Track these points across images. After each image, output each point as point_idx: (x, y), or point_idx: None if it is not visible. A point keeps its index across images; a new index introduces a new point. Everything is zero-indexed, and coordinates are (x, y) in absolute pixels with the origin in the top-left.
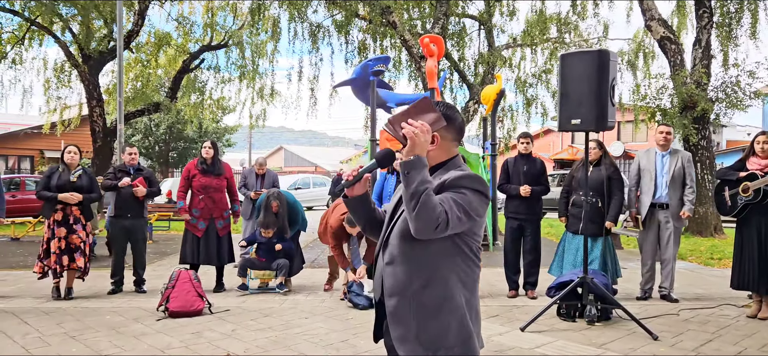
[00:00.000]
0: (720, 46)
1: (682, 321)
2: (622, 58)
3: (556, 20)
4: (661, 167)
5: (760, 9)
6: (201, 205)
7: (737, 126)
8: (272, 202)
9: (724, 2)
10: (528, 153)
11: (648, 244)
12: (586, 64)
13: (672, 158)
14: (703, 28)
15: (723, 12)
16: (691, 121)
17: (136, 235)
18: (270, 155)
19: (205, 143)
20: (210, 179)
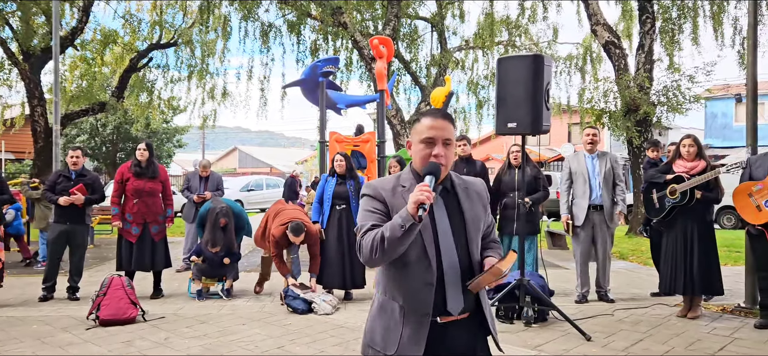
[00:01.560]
0: (662, 51)
1: (616, 321)
2: (570, 61)
3: (506, 23)
4: (593, 168)
5: (700, 16)
6: (135, 209)
7: (680, 129)
8: (220, 219)
9: (666, 9)
10: (467, 156)
11: (583, 246)
12: (521, 68)
13: (601, 160)
14: (647, 33)
15: (665, 18)
16: (634, 123)
17: (76, 241)
18: (224, 156)
19: (140, 145)
20: (144, 182)
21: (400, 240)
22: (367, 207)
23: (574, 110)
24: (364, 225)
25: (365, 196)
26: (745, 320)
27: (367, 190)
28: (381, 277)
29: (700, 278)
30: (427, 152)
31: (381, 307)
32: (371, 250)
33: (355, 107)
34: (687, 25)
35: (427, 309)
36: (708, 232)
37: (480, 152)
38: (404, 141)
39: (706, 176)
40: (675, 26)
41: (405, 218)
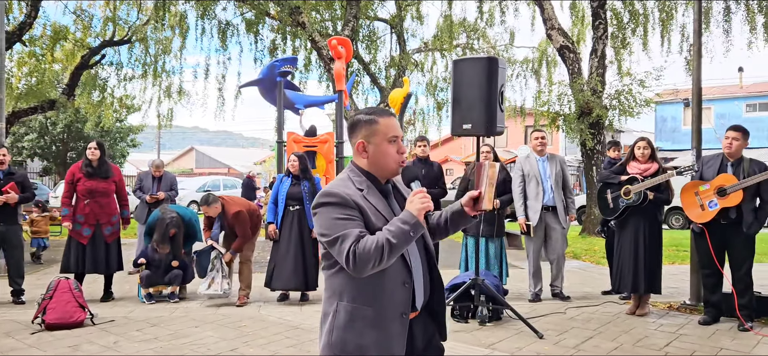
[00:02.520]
0: (614, 56)
1: (568, 319)
2: (527, 65)
3: (465, 26)
4: (544, 171)
5: (650, 22)
6: (86, 210)
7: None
8: (170, 230)
9: (618, 14)
10: (425, 157)
11: (536, 246)
12: (476, 70)
13: (551, 163)
14: (599, 38)
15: (617, 24)
16: (587, 126)
17: (11, 242)
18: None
19: (91, 144)
20: (96, 182)
21: (405, 247)
22: (340, 215)
23: (530, 112)
24: (347, 233)
25: (331, 205)
26: (690, 317)
27: (331, 198)
28: (341, 285)
29: (648, 276)
30: (394, 150)
31: (350, 316)
32: (376, 258)
33: (313, 107)
34: (638, 31)
35: (404, 308)
36: (658, 232)
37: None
38: None
39: (658, 179)
40: (626, 32)
41: (414, 226)
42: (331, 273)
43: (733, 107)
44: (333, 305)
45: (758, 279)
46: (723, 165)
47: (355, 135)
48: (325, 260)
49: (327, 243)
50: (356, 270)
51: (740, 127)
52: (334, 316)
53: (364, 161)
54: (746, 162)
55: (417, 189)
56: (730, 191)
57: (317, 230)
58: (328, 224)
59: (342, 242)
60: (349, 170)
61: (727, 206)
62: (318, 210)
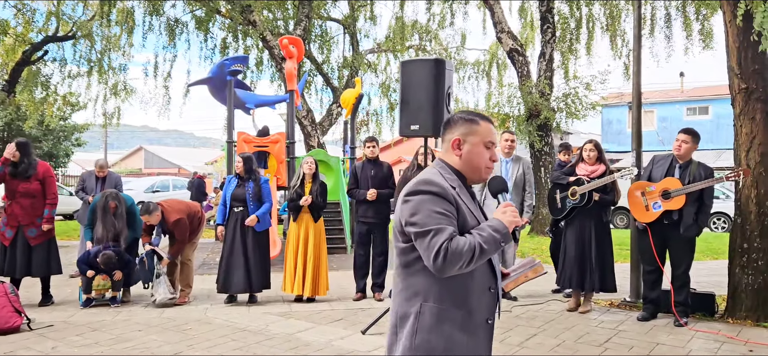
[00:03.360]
0: (561, 60)
1: (514, 317)
2: (478, 67)
3: (417, 28)
4: (506, 172)
5: (597, 27)
6: (8, 211)
7: (580, 133)
8: (110, 202)
9: (565, 19)
10: (375, 157)
11: None
12: (423, 72)
13: (514, 165)
14: (547, 42)
15: (564, 29)
16: (535, 128)
17: None
18: (128, 156)
19: (9, 145)
20: (18, 183)
21: (491, 256)
22: (438, 208)
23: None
24: (442, 228)
25: (430, 194)
26: (629, 313)
27: (431, 187)
28: (426, 285)
29: (596, 275)
30: (487, 156)
31: (437, 318)
32: (466, 260)
33: (264, 106)
34: (583, 36)
35: (489, 314)
36: (604, 232)
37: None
38: (315, 142)
39: (604, 180)
40: (573, 36)
41: (505, 237)
42: (410, 270)
43: (674, 111)
44: (415, 305)
45: (695, 276)
46: (672, 167)
47: (451, 131)
48: (403, 256)
49: (415, 233)
50: (442, 268)
51: (691, 130)
52: (418, 318)
53: (455, 159)
54: (694, 165)
55: (506, 202)
56: (674, 195)
57: (405, 217)
58: (423, 214)
59: (434, 235)
60: (439, 167)
61: (670, 209)
62: (413, 198)
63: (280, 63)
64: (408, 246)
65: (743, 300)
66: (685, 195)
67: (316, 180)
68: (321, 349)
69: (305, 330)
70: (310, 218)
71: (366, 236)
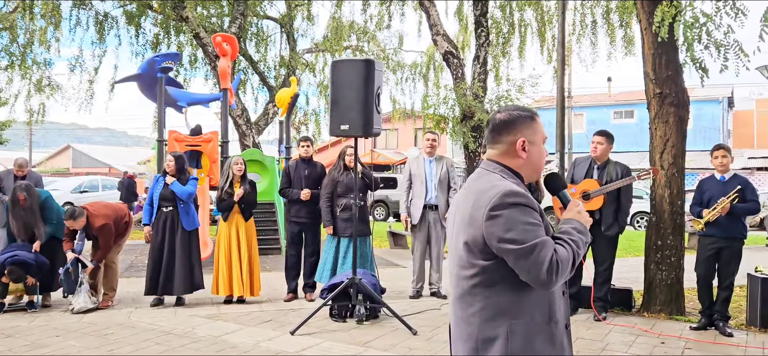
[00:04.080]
0: (494, 63)
1: (443, 315)
2: (415, 69)
3: (355, 29)
4: (430, 171)
5: (529, 32)
6: None
7: None
8: (19, 194)
9: (498, 24)
10: (309, 157)
11: (419, 244)
12: (353, 72)
13: (438, 164)
14: (481, 45)
15: (498, 33)
16: (470, 129)
17: None
18: (55, 155)
19: None
20: None
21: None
22: (531, 219)
23: (419, 115)
24: (545, 241)
25: (520, 206)
26: None
27: (519, 199)
28: (512, 302)
29: None
30: (545, 154)
31: (529, 336)
32: (568, 269)
33: (197, 105)
34: (515, 40)
35: (567, 319)
36: None
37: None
38: (250, 141)
39: None
40: (506, 40)
41: (588, 236)
42: (494, 290)
43: (602, 114)
44: (502, 326)
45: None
46: (591, 168)
47: (513, 132)
48: (484, 274)
49: (516, 251)
50: (552, 281)
51: (605, 132)
52: (509, 339)
53: (518, 161)
54: (611, 165)
55: (575, 201)
56: (593, 196)
57: (498, 234)
58: (520, 229)
59: (541, 250)
60: (499, 171)
61: (591, 209)
62: (503, 212)
63: (214, 61)
64: (492, 263)
65: (657, 294)
66: (603, 195)
67: (245, 181)
68: (248, 351)
69: (233, 332)
70: (241, 218)
71: (298, 237)
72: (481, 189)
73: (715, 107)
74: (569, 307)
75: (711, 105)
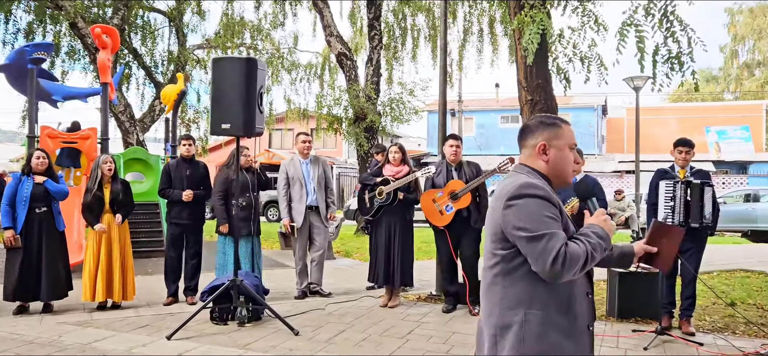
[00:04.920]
0: (387, 66)
1: (326, 315)
2: (310, 69)
3: (249, 26)
4: (308, 173)
5: (421, 37)
6: None
7: (410, 137)
8: None
9: (390, 27)
10: (190, 156)
11: (301, 245)
12: (235, 70)
13: (314, 165)
14: (374, 48)
15: (390, 36)
16: (362, 131)
17: None
18: None
19: None
20: None
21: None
22: (548, 212)
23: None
24: (556, 233)
25: (538, 198)
26: (434, 306)
27: (537, 191)
28: (529, 292)
29: (399, 271)
30: (572, 159)
31: (543, 326)
32: (580, 265)
33: (74, 99)
34: (407, 44)
35: (590, 320)
36: (408, 229)
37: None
38: (134, 139)
39: (406, 179)
40: (398, 44)
41: (608, 244)
42: (512, 278)
43: (490, 118)
44: (518, 314)
45: None
46: (449, 171)
47: (534, 136)
48: (504, 263)
49: (526, 238)
50: (559, 273)
51: (458, 136)
52: (523, 326)
53: (541, 164)
54: (466, 165)
55: (601, 209)
56: (460, 195)
57: (512, 222)
58: (533, 218)
59: (550, 239)
60: (526, 172)
61: (461, 208)
62: (519, 202)
63: (94, 53)
64: (509, 253)
65: None
66: (470, 193)
67: (117, 181)
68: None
69: (104, 339)
70: (114, 218)
71: (179, 238)
72: (504, 185)
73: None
74: (594, 309)
75: (587, 112)
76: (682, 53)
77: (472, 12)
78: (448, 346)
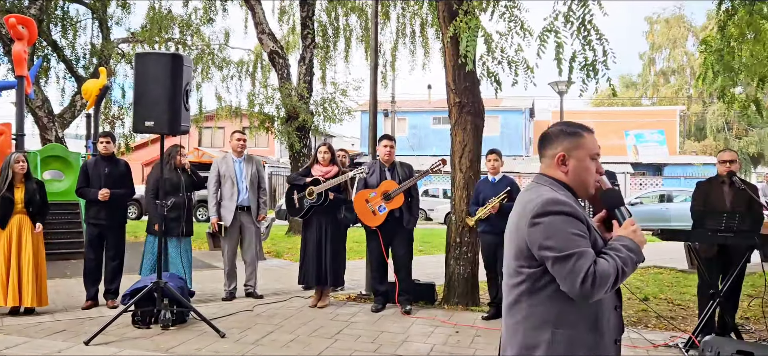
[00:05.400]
0: (319, 66)
1: (254, 316)
2: (242, 66)
3: (178, 21)
4: (240, 172)
5: (353, 37)
6: None
7: (344, 137)
8: None
9: (323, 27)
10: (109, 154)
11: (231, 246)
12: (160, 66)
13: (248, 164)
14: (307, 47)
15: (323, 36)
16: (294, 130)
17: None
18: None
19: None
20: None
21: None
22: (574, 230)
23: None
24: (585, 251)
25: (564, 215)
26: (364, 305)
27: (564, 208)
28: (555, 311)
29: (330, 271)
30: (594, 169)
31: (571, 345)
32: (611, 283)
33: None
34: (341, 44)
35: (617, 334)
36: (339, 230)
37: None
38: (52, 136)
39: (337, 180)
40: (331, 44)
41: (639, 257)
42: (539, 297)
43: (423, 119)
44: (545, 334)
45: (424, 268)
46: (382, 172)
47: (553, 146)
48: (530, 281)
49: (554, 258)
50: (589, 293)
51: (392, 136)
52: (550, 346)
53: (561, 175)
54: (398, 166)
55: (630, 219)
56: (393, 195)
57: (539, 240)
58: (560, 236)
59: (578, 259)
60: (548, 184)
61: (394, 208)
62: (543, 219)
63: (9, 44)
64: (536, 271)
65: (456, 288)
66: (402, 193)
67: (31, 180)
68: None
69: (16, 346)
70: (27, 219)
71: (98, 240)
72: (527, 200)
73: (519, 117)
74: (621, 323)
75: (515, 115)
76: (597, 61)
77: (405, 14)
78: (377, 345)
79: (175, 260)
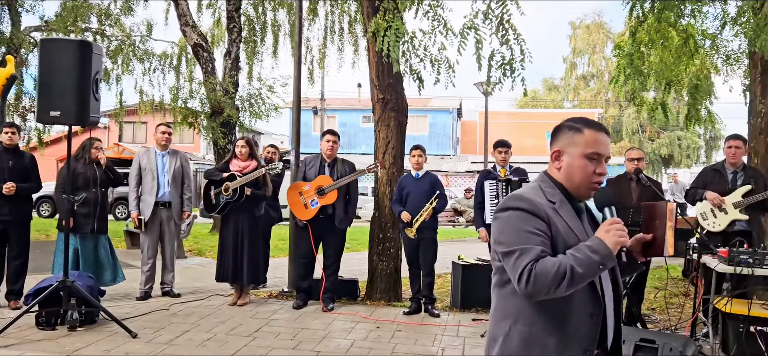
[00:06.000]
0: (246, 61)
1: (170, 315)
2: (165, 59)
3: (96, 10)
4: (162, 166)
5: (281, 33)
6: None
7: (272, 134)
8: None
9: (251, 21)
10: (14, 146)
11: (150, 242)
12: (67, 54)
13: (172, 158)
14: (233, 41)
15: (250, 30)
16: (219, 125)
17: None
18: None
19: None
20: None
21: (589, 279)
22: (527, 227)
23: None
24: (528, 248)
25: (520, 211)
26: (285, 303)
27: (521, 203)
28: (518, 307)
29: (248, 268)
30: (591, 169)
31: (526, 343)
32: (553, 284)
33: None
34: (269, 40)
35: (589, 343)
36: (257, 227)
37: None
38: None
39: (254, 174)
40: (258, 38)
41: (606, 258)
42: (503, 291)
43: (352, 117)
44: (504, 328)
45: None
46: (322, 166)
47: (555, 141)
48: (497, 275)
49: (502, 253)
50: (529, 291)
51: (336, 132)
52: (505, 340)
53: (556, 171)
54: (340, 163)
55: (612, 218)
56: (327, 191)
57: (495, 235)
58: (510, 232)
59: (519, 256)
60: (541, 180)
61: (326, 204)
62: (502, 215)
63: None
64: (500, 265)
65: (379, 283)
66: (336, 190)
67: None
68: None
69: None
70: None
71: (0, 237)
72: (509, 195)
73: (447, 117)
74: (598, 333)
75: (443, 114)
76: (514, 60)
77: (333, 11)
78: (296, 342)
79: (89, 258)
